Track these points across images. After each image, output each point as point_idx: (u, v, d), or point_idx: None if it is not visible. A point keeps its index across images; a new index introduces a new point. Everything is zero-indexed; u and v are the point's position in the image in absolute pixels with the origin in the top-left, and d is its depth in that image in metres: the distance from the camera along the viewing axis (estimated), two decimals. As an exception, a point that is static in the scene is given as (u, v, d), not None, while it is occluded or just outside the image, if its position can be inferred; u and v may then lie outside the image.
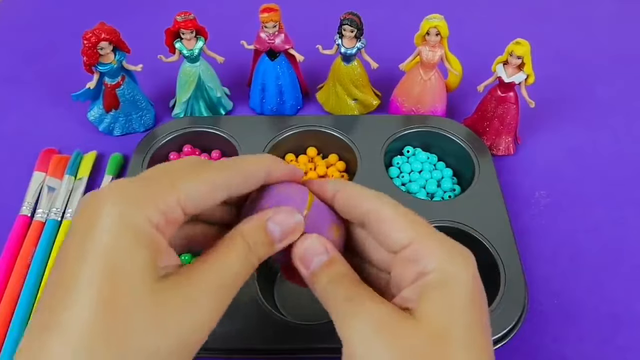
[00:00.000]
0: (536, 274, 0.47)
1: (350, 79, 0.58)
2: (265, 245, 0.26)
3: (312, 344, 0.40)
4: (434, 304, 0.23)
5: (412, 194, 0.51)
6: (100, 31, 0.51)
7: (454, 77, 0.56)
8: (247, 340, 0.40)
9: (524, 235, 0.50)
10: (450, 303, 0.23)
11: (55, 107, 0.62)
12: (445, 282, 0.24)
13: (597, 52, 0.70)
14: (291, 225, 0.27)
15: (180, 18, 0.53)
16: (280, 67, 0.57)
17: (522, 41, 0.50)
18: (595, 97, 0.64)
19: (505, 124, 0.55)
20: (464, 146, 0.53)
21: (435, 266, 0.24)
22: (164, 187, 0.23)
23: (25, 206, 0.51)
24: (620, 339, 0.44)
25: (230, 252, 0.25)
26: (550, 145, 0.58)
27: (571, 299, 0.46)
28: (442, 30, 0.52)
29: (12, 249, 0.48)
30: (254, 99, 0.60)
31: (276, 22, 0.54)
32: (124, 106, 0.57)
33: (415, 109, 0.58)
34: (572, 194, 0.54)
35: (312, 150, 0.56)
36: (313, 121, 0.56)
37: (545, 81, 0.55)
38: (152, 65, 0.57)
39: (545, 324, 0.44)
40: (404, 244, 0.25)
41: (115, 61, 0.53)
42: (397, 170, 0.54)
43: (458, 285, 0.24)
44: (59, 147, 0.57)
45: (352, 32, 0.53)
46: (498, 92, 0.54)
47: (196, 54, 0.55)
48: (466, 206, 0.48)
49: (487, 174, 0.51)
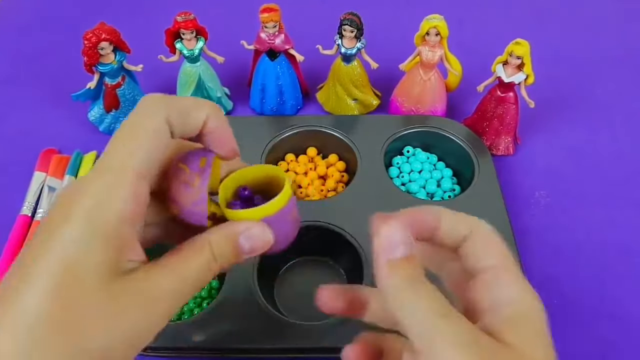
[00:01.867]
0: (536, 274, 0.47)
1: (350, 79, 0.58)
2: (231, 257, 0.25)
3: (312, 344, 0.40)
4: (523, 334, 0.23)
5: (412, 194, 0.51)
6: (100, 31, 0.51)
7: (454, 77, 0.57)
8: (247, 340, 0.40)
9: (524, 235, 0.50)
10: (535, 333, 0.24)
11: (55, 107, 0.62)
12: (528, 313, 0.24)
13: (597, 52, 0.70)
14: (263, 242, 0.26)
15: (180, 18, 0.53)
16: (280, 67, 0.57)
17: (521, 41, 0.50)
18: (595, 97, 0.64)
19: (505, 124, 0.55)
20: (464, 146, 0.53)
21: (516, 297, 0.24)
22: (123, 170, 0.23)
23: (26, 206, 0.51)
24: (621, 339, 0.44)
25: (194, 259, 0.24)
26: (550, 145, 0.58)
27: (571, 299, 0.46)
28: (442, 30, 0.52)
29: (12, 249, 0.48)
30: (254, 99, 0.61)
31: (276, 22, 0.54)
32: (125, 106, 0.57)
33: (415, 109, 0.58)
34: (572, 194, 0.54)
35: (312, 150, 0.56)
36: (313, 121, 0.56)
37: (545, 81, 0.55)
38: (152, 66, 0.57)
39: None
40: (487, 266, 0.25)
41: (116, 61, 0.53)
42: (397, 170, 0.54)
43: (540, 317, 0.24)
44: (60, 147, 0.57)
45: (352, 32, 0.53)
46: (498, 92, 0.54)
47: (196, 54, 0.55)
48: (466, 206, 0.48)
49: (487, 174, 0.51)
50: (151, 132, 0.23)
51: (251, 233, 0.25)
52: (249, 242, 0.25)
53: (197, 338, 0.40)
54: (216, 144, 0.26)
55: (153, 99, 0.24)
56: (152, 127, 0.23)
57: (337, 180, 0.53)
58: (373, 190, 0.50)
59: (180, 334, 0.40)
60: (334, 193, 0.52)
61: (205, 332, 0.40)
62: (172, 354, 0.40)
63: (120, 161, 0.23)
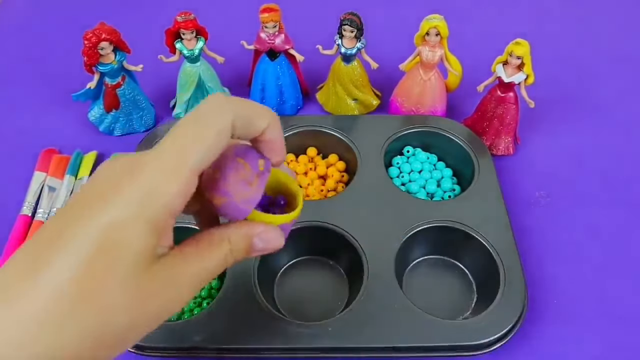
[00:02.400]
0: (536, 274, 0.47)
1: (350, 79, 0.58)
2: (243, 253, 0.28)
3: (312, 344, 0.40)
4: None
5: (412, 194, 0.51)
6: (100, 31, 0.51)
7: (454, 77, 0.56)
8: (247, 340, 0.40)
9: (524, 235, 0.50)
10: None
11: (55, 107, 0.62)
12: None
13: (597, 52, 0.70)
14: (276, 245, 0.28)
15: (180, 18, 0.53)
16: (280, 67, 0.57)
17: (521, 41, 0.50)
18: (595, 97, 0.64)
19: (505, 124, 0.55)
20: (464, 146, 0.53)
21: None
22: (180, 165, 0.24)
23: (26, 206, 0.51)
24: (621, 339, 0.44)
25: (214, 252, 0.26)
26: (550, 146, 0.58)
27: (571, 299, 0.46)
28: (442, 30, 0.52)
29: (12, 249, 0.48)
30: (254, 99, 0.60)
31: (276, 22, 0.54)
32: (125, 106, 0.57)
33: (415, 109, 0.58)
34: (572, 194, 0.54)
35: (312, 150, 0.56)
36: (313, 121, 0.56)
37: (545, 81, 0.55)
38: (152, 65, 0.57)
39: (545, 324, 0.44)
40: None
41: (116, 61, 0.53)
42: (397, 170, 0.54)
43: None
44: (60, 147, 0.57)
45: (352, 32, 0.53)
46: (498, 92, 0.54)
47: (196, 54, 0.55)
48: (466, 206, 0.49)
49: (487, 174, 0.51)
50: (215, 132, 0.24)
51: (267, 236, 0.28)
52: (262, 244, 0.28)
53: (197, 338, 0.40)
54: (271, 152, 0.28)
55: (222, 100, 0.26)
56: (217, 128, 0.24)
57: (337, 180, 0.53)
58: (373, 190, 0.50)
59: (180, 334, 0.40)
60: (334, 193, 0.52)
61: (205, 332, 0.40)
62: (172, 354, 0.40)
63: (180, 155, 0.24)
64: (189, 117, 0.25)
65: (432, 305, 0.43)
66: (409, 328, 0.41)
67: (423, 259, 0.48)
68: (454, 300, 0.46)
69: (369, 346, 0.40)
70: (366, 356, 0.41)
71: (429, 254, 0.48)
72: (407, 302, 0.42)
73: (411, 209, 0.48)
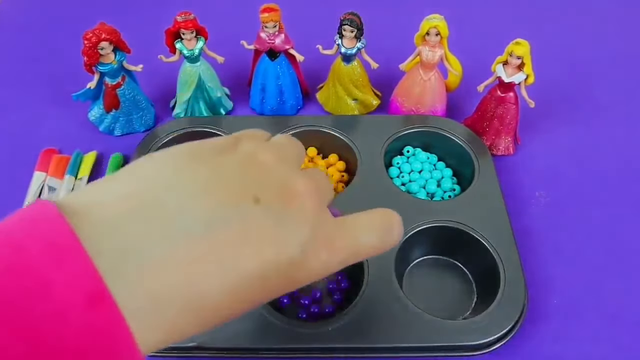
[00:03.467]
0: (536, 273, 0.47)
1: (350, 79, 0.58)
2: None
3: (312, 344, 0.40)
4: None
5: (412, 194, 0.51)
6: (100, 31, 0.51)
7: (454, 77, 0.57)
8: (249, 340, 0.40)
9: (524, 235, 0.50)
10: None
11: (55, 107, 0.62)
12: None
13: (597, 52, 0.70)
14: None
15: (180, 18, 0.53)
16: (280, 67, 0.57)
17: (521, 41, 0.50)
18: (595, 97, 0.64)
19: (505, 124, 0.55)
20: (464, 146, 0.53)
21: None
22: None
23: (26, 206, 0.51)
24: (621, 339, 0.44)
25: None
26: (550, 145, 0.58)
27: (571, 299, 0.46)
28: (442, 30, 0.52)
29: (12, 249, 0.48)
30: (254, 99, 0.61)
31: (276, 22, 0.54)
32: (125, 106, 0.57)
33: (415, 109, 0.58)
34: (572, 194, 0.54)
35: (312, 150, 0.56)
36: (313, 121, 0.56)
37: (545, 81, 0.55)
38: (152, 65, 0.57)
39: (545, 324, 0.44)
40: None
41: (116, 61, 0.53)
42: (397, 170, 0.54)
43: None
44: (59, 147, 0.57)
45: (352, 32, 0.53)
46: (498, 92, 0.54)
47: (196, 54, 0.55)
48: (466, 206, 0.49)
49: (487, 174, 0.51)
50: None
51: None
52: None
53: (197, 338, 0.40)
54: None
55: None
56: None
57: (337, 180, 0.53)
58: (373, 190, 0.50)
59: (180, 334, 0.40)
60: (334, 193, 0.52)
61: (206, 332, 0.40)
62: (172, 354, 0.40)
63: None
64: None
65: (432, 305, 0.43)
66: (409, 328, 0.41)
67: (423, 259, 0.48)
68: (454, 300, 0.46)
69: (369, 346, 0.40)
70: (366, 356, 0.41)
71: (429, 254, 0.48)
72: (407, 302, 0.42)
73: (411, 209, 0.48)
